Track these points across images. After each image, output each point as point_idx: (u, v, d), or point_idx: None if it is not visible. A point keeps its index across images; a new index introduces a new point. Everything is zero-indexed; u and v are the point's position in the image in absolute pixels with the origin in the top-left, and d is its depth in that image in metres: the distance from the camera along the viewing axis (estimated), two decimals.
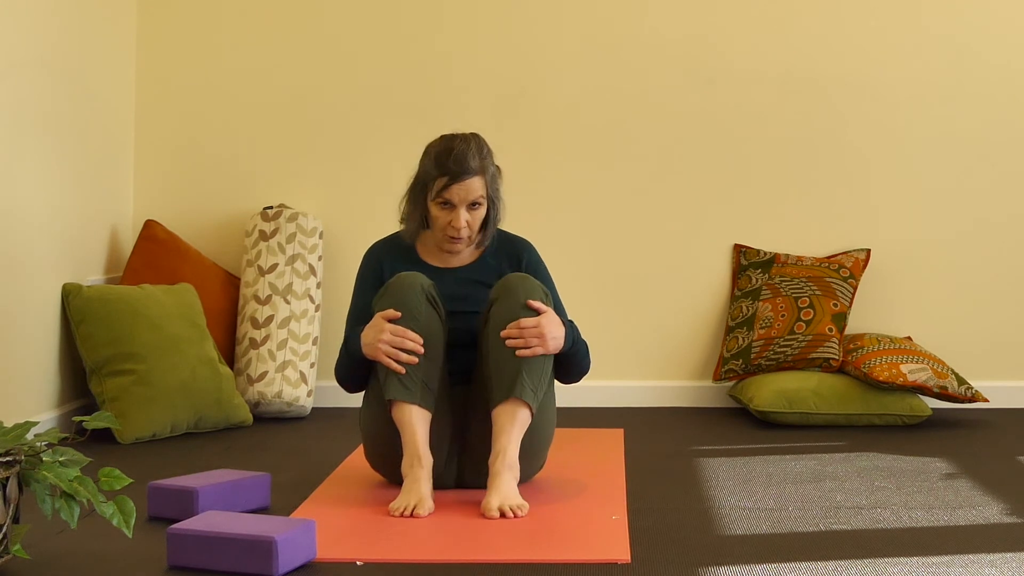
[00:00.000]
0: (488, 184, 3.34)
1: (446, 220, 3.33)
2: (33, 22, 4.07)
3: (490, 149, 3.38)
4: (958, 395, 4.49)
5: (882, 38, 4.91)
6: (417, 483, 3.08)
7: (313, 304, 4.69)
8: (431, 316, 3.22)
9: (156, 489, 3.11)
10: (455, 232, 3.33)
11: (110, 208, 4.74)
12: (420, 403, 3.15)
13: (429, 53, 4.93)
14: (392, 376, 3.16)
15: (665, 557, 2.75)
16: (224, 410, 4.33)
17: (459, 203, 3.31)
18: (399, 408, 3.15)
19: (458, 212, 3.31)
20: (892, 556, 2.75)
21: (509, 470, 3.09)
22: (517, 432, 3.13)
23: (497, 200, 3.41)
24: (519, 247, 3.49)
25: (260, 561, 2.58)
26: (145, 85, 4.95)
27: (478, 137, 3.38)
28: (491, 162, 3.37)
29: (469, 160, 3.29)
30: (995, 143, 4.89)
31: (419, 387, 3.15)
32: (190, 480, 3.15)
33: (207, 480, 3.14)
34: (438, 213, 3.34)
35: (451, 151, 3.30)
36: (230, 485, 3.14)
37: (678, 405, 4.91)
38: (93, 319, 4.19)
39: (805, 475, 3.61)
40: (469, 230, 3.34)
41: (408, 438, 3.13)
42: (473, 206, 3.33)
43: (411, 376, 3.15)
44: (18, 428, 2.67)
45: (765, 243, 4.94)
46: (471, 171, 3.29)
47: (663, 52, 4.92)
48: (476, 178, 3.30)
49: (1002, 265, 4.90)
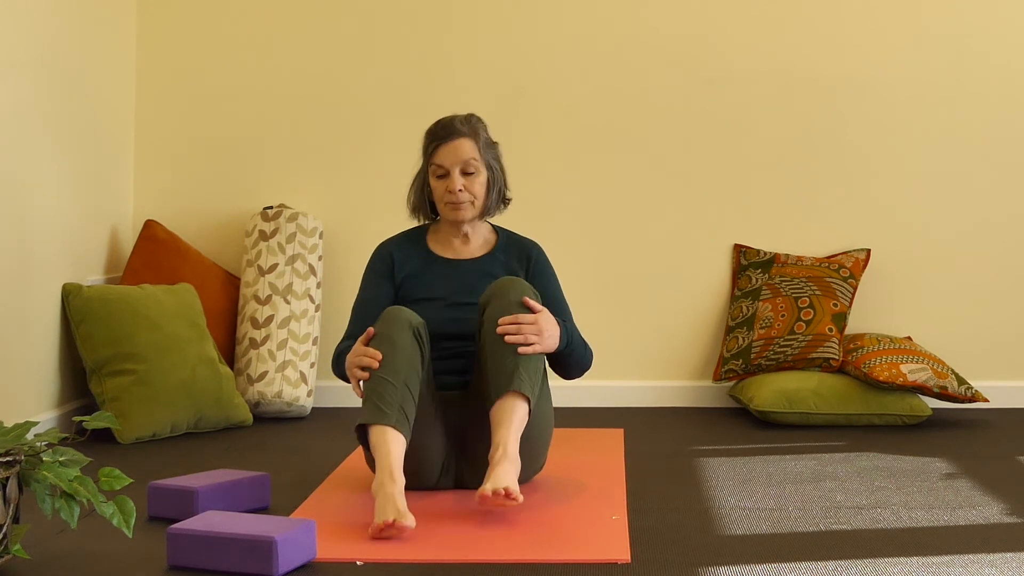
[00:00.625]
0: (481, 149, 3.42)
1: (443, 187, 3.40)
2: (33, 22, 4.07)
3: (485, 124, 3.47)
4: (958, 395, 4.49)
5: (882, 38, 4.91)
6: (391, 499, 2.94)
7: (313, 304, 4.69)
8: (413, 350, 3.17)
9: (156, 489, 3.11)
10: (453, 197, 3.38)
11: (110, 208, 4.74)
12: (395, 426, 3.06)
13: (429, 53, 4.93)
14: (369, 401, 3.11)
15: (665, 557, 2.75)
16: (224, 410, 4.33)
17: (451, 166, 3.38)
18: (374, 431, 3.07)
19: (453, 175, 3.38)
20: (892, 556, 2.75)
21: (510, 461, 3.04)
22: (517, 425, 3.10)
23: (496, 169, 3.47)
24: (529, 246, 3.55)
25: (260, 561, 2.58)
26: (145, 85, 4.95)
27: (472, 114, 3.49)
28: (483, 131, 3.45)
29: (456, 124, 3.41)
30: (995, 143, 4.89)
31: (395, 412, 3.08)
32: (190, 480, 3.15)
33: (207, 480, 3.14)
34: (436, 184, 3.42)
35: (439, 121, 3.44)
36: (230, 485, 3.14)
37: (678, 405, 4.91)
38: (93, 319, 4.19)
39: (805, 475, 3.61)
40: (469, 195, 3.40)
41: (382, 459, 3.02)
42: (468, 171, 3.40)
43: (388, 402, 3.08)
44: (18, 428, 2.67)
45: (765, 243, 4.94)
46: (458, 132, 3.39)
47: (663, 52, 4.92)
48: (464, 139, 3.40)
49: (1002, 265, 4.90)
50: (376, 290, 3.46)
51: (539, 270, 3.50)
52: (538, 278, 3.48)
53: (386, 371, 3.11)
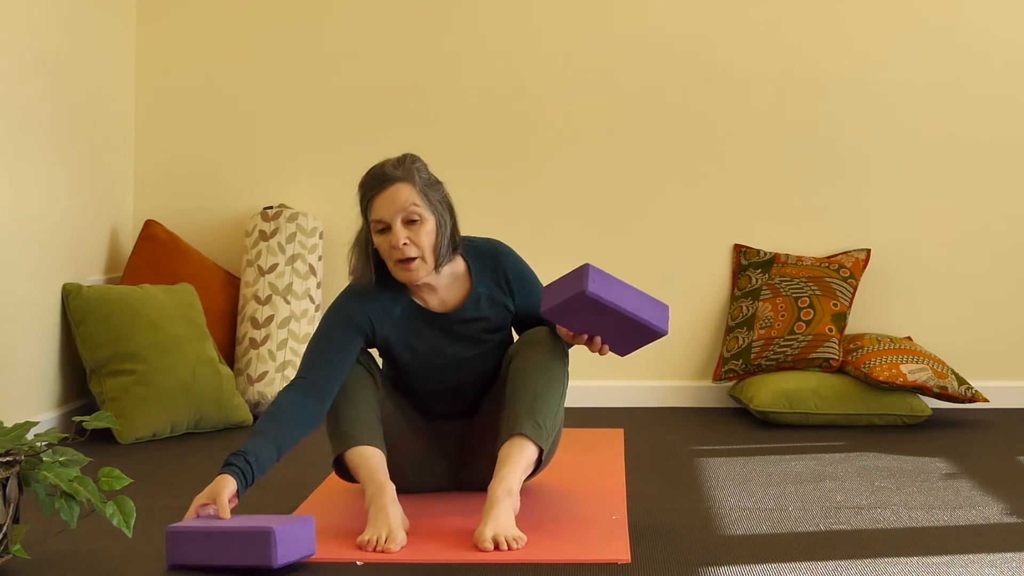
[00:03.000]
0: (421, 194, 3.06)
1: (387, 243, 3.05)
2: (33, 23, 4.07)
3: (424, 164, 3.13)
4: (958, 395, 4.49)
5: (881, 38, 4.90)
6: (384, 511, 2.86)
7: (313, 304, 4.70)
8: (366, 390, 3.11)
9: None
10: (399, 253, 3.04)
11: (110, 208, 4.74)
12: (370, 443, 3.01)
13: (429, 54, 4.93)
14: (334, 438, 3.06)
15: (665, 557, 2.75)
16: (224, 410, 4.33)
17: (390, 217, 3.04)
18: (351, 455, 3.01)
19: (394, 228, 3.03)
20: (892, 556, 2.75)
21: (509, 497, 2.87)
22: (523, 467, 2.95)
23: (444, 212, 3.10)
24: (497, 260, 3.23)
25: (259, 552, 2.58)
26: (145, 85, 4.95)
27: (409, 154, 3.15)
28: (422, 172, 3.09)
29: (387, 170, 3.07)
30: (995, 143, 4.89)
31: (364, 432, 3.02)
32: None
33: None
34: (380, 241, 3.07)
35: (370, 170, 3.13)
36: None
37: (678, 405, 4.91)
38: (93, 319, 4.19)
39: (805, 475, 3.61)
40: (416, 248, 3.05)
41: (365, 473, 2.96)
42: (411, 220, 3.04)
43: (355, 426, 3.03)
44: (18, 428, 2.67)
45: (765, 243, 4.94)
46: (391, 179, 3.05)
47: (663, 52, 4.92)
48: (400, 184, 3.05)
49: (1002, 265, 4.90)
50: (337, 344, 3.12)
51: (519, 283, 3.23)
52: (520, 292, 3.24)
53: (347, 410, 3.07)
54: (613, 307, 2.93)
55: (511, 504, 2.88)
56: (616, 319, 2.96)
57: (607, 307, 2.92)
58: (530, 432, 2.96)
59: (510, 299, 3.23)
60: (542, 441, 2.98)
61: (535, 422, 2.98)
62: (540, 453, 2.99)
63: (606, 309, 2.93)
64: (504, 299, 3.23)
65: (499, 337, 3.25)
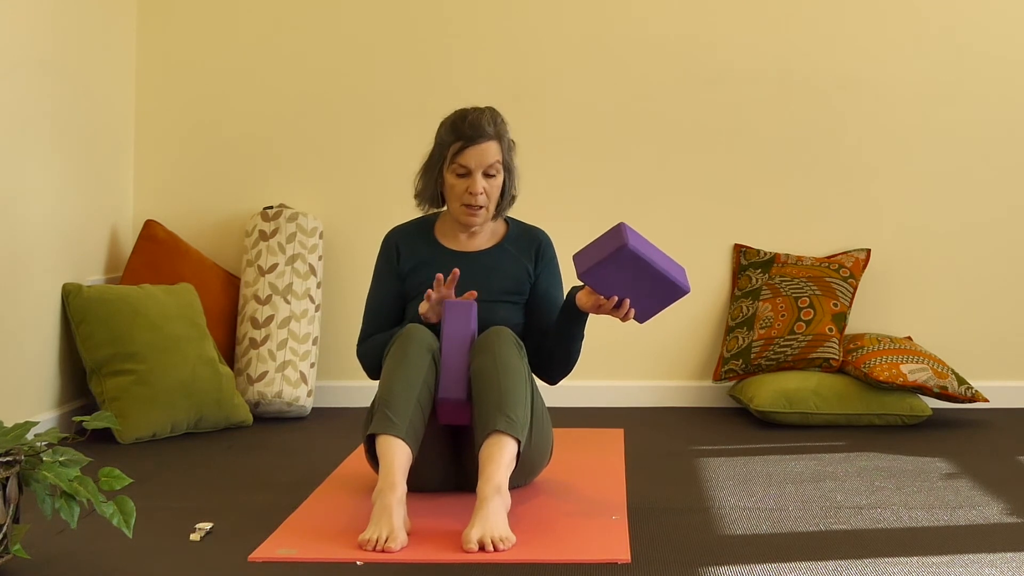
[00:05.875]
0: (504, 152, 3.35)
1: (463, 188, 3.31)
2: (33, 22, 4.07)
3: (505, 120, 3.39)
4: (958, 395, 4.49)
5: (881, 37, 4.91)
6: (387, 510, 2.86)
7: (313, 304, 4.70)
8: (429, 372, 3.13)
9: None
10: (472, 199, 3.31)
11: (110, 208, 4.74)
12: (404, 438, 3.00)
13: (429, 54, 4.93)
14: (380, 412, 3.05)
15: (665, 557, 2.75)
16: (224, 410, 4.33)
17: (475, 168, 3.30)
18: (382, 441, 3.01)
19: (475, 177, 3.30)
20: (892, 556, 2.75)
21: (498, 495, 2.88)
22: (506, 461, 2.97)
23: (513, 171, 3.40)
24: (538, 237, 3.49)
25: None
26: (145, 85, 4.95)
27: (493, 109, 3.39)
28: (506, 131, 3.38)
29: (484, 125, 3.31)
30: (995, 142, 4.89)
31: (405, 424, 3.02)
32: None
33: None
34: (454, 181, 3.32)
35: (466, 117, 3.33)
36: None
37: (678, 405, 4.91)
38: (93, 319, 4.19)
39: (805, 475, 3.61)
40: (487, 198, 3.32)
41: (386, 467, 2.95)
42: (490, 174, 3.32)
43: (399, 414, 3.03)
44: (18, 428, 2.67)
45: (765, 243, 4.94)
46: (487, 135, 3.31)
47: (663, 52, 4.92)
48: (492, 143, 3.32)
49: (1002, 265, 4.90)
50: (385, 290, 3.44)
51: (545, 264, 3.45)
52: (543, 274, 3.44)
53: (401, 385, 3.07)
54: (649, 263, 2.99)
55: (502, 502, 2.89)
56: (649, 276, 3.02)
57: (644, 263, 2.99)
58: (504, 427, 2.98)
59: (533, 266, 3.43)
60: (517, 432, 3.00)
61: (506, 416, 3.00)
62: (519, 445, 3.00)
63: (643, 265, 3.00)
64: (528, 264, 3.43)
65: (510, 301, 3.37)
